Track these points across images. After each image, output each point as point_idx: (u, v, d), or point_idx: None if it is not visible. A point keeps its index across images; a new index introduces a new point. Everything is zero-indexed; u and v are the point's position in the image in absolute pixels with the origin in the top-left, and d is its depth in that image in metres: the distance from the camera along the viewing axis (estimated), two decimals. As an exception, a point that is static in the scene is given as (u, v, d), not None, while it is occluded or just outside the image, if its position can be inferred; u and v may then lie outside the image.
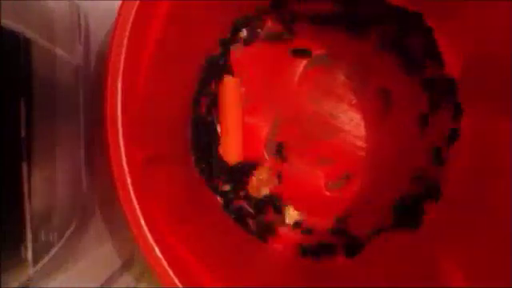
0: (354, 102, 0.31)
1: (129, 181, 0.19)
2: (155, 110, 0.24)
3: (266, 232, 0.30)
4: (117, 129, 0.19)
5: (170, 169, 0.26)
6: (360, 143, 0.31)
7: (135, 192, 0.19)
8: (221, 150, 0.30)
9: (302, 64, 0.31)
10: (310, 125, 0.31)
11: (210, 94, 0.30)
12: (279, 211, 0.30)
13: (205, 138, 0.30)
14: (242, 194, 0.30)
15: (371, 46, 0.30)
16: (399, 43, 0.30)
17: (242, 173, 0.30)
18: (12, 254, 0.18)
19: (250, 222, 0.30)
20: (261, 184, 0.30)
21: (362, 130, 0.31)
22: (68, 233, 0.22)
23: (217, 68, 0.30)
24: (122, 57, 0.20)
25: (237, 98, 0.30)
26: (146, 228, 0.19)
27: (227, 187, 0.30)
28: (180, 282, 0.19)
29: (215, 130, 0.30)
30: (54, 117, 0.21)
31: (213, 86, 0.30)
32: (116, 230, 0.27)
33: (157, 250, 0.19)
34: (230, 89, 0.30)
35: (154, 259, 0.19)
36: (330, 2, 0.30)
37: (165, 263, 0.19)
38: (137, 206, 0.19)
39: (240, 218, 0.30)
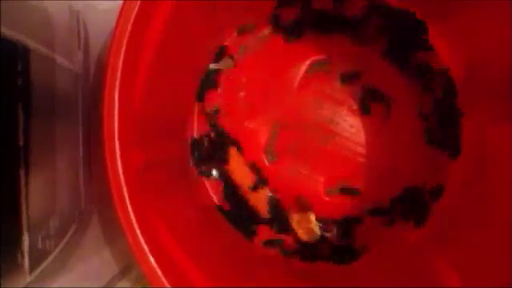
0: (353, 107, 0.31)
1: (125, 190, 0.19)
2: (154, 114, 0.25)
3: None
4: (114, 138, 0.19)
5: (168, 173, 0.26)
6: (360, 149, 0.31)
7: (132, 202, 0.19)
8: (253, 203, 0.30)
9: (302, 69, 0.31)
10: (310, 130, 0.31)
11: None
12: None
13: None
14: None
15: (371, 51, 0.30)
16: (399, 49, 0.30)
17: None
18: (9, 262, 0.18)
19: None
20: (305, 224, 0.30)
21: (361, 136, 0.31)
22: (66, 239, 0.22)
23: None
24: (121, 61, 0.20)
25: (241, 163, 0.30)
26: (141, 238, 0.19)
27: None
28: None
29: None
30: (52, 124, 0.21)
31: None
32: (114, 235, 0.27)
33: (152, 260, 0.19)
34: (234, 158, 0.30)
35: (150, 269, 0.19)
36: (331, 6, 0.30)
37: (160, 272, 0.19)
38: (133, 217, 0.19)
39: (241, 224, 0.30)
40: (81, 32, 0.25)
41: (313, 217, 0.30)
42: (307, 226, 0.30)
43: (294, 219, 0.30)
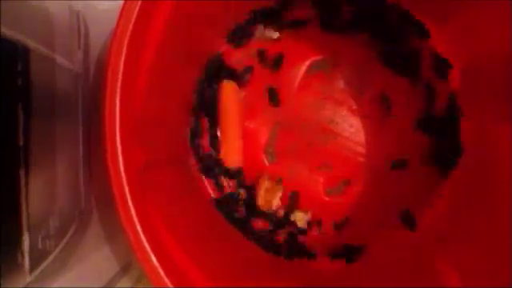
0: (353, 107, 0.31)
1: (126, 189, 0.19)
2: (154, 115, 0.25)
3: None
4: (115, 137, 0.19)
5: (169, 172, 0.26)
6: (359, 149, 0.31)
7: (133, 201, 0.19)
8: (221, 155, 0.30)
9: (302, 69, 0.31)
10: (310, 130, 0.31)
11: (210, 97, 0.30)
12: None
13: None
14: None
15: (371, 52, 0.30)
16: (398, 49, 0.30)
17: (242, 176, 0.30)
18: (9, 262, 0.18)
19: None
20: (269, 196, 0.30)
21: (361, 136, 0.31)
22: (66, 239, 0.22)
23: (217, 71, 0.30)
24: (122, 61, 0.20)
25: (236, 103, 0.30)
26: (143, 237, 0.19)
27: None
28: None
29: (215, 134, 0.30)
30: (52, 124, 0.21)
31: (213, 89, 0.30)
32: (114, 234, 0.27)
33: (154, 259, 0.19)
34: (229, 93, 0.30)
35: (151, 268, 0.19)
36: (332, 7, 0.30)
37: (161, 272, 0.19)
38: (134, 216, 0.19)
39: (239, 223, 0.30)
40: (81, 32, 0.25)
41: (279, 193, 0.30)
42: (270, 197, 0.30)
43: (263, 185, 0.30)
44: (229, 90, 0.30)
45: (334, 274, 0.28)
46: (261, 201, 0.30)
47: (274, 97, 0.31)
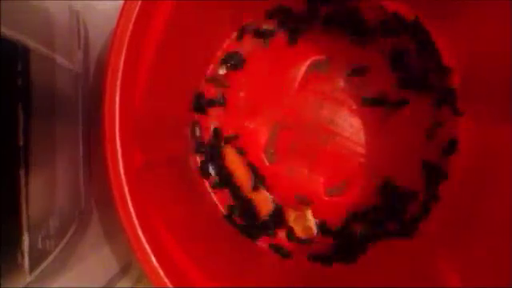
0: (353, 107, 0.31)
1: (126, 189, 0.19)
2: (155, 114, 0.25)
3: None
4: (115, 138, 0.19)
5: (169, 173, 0.26)
6: (360, 149, 0.31)
7: (133, 202, 0.19)
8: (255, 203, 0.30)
9: (302, 69, 0.31)
10: (310, 130, 0.31)
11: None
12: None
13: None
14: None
15: (371, 52, 0.30)
16: (399, 50, 0.30)
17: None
18: (9, 262, 0.18)
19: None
20: (302, 223, 0.30)
21: (361, 136, 0.31)
22: (66, 239, 0.22)
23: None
24: (122, 61, 0.20)
25: (241, 163, 0.30)
26: (143, 237, 0.19)
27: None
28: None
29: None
30: (52, 124, 0.21)
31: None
32: (114, 234, 0.27)
33: (153, 259, 0.19)
34: (233, 159, 0.30)
35: (151, 268, 0.19)
36: (332, 7, 0.30)
37: (161, 272, 0.19)
38: (134, 216, 0.19)
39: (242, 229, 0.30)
40: (81, 32, 0.25)
41: (310, 214, 0.30)
42: (304, 223, 0.30)
43: (291, 216, 0.30)
44: (232, 157, 0.30)
45: (333, 275, 0.28)
46: (300, 233, 0.30)
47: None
